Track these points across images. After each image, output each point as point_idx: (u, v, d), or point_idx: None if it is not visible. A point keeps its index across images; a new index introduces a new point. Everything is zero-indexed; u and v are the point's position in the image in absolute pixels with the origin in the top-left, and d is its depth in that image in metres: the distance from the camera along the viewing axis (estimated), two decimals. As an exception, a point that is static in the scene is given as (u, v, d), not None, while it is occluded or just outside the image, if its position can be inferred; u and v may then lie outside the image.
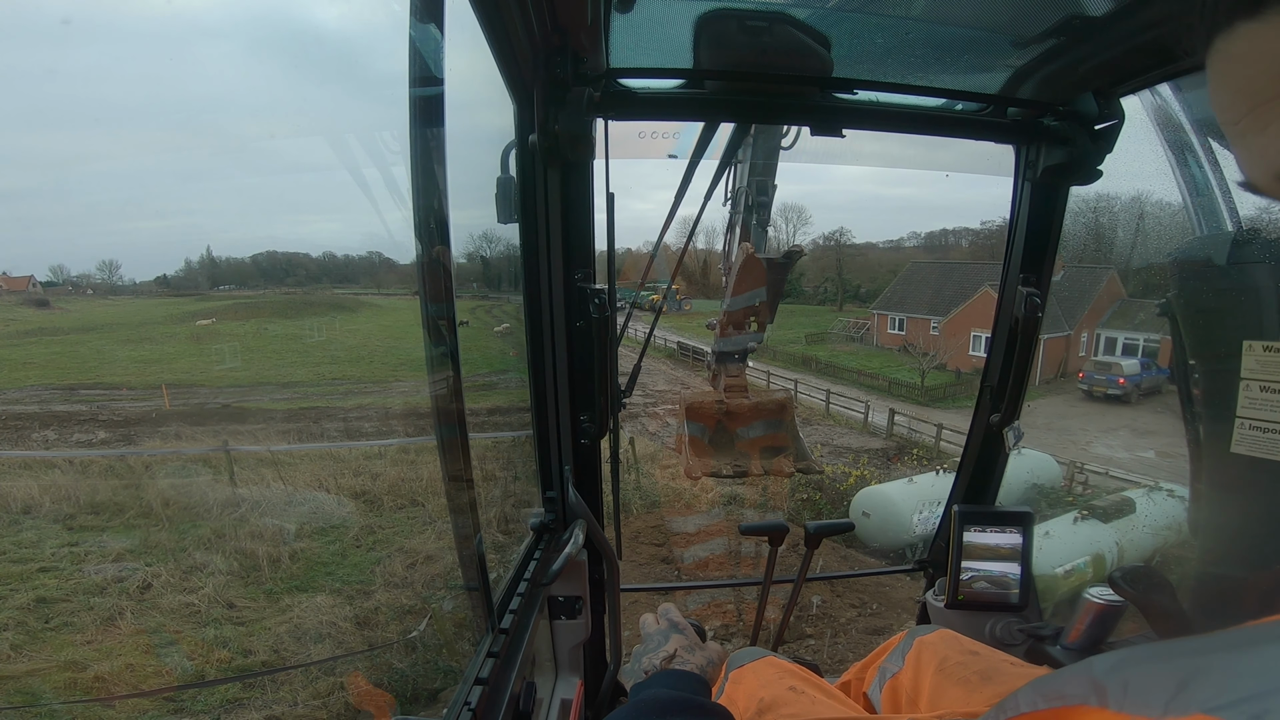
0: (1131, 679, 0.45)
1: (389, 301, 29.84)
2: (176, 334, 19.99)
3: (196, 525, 9.18)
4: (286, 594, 7.76)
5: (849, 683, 1.64)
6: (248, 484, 10.18)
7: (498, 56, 1.30)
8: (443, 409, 1.06)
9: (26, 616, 6.79)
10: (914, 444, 16.64)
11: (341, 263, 36.30)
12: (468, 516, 1.14)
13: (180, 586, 7.79)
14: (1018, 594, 1.95)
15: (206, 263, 30.45)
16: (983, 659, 1.40)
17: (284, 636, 6.85)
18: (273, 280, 31.80)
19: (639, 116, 1.65)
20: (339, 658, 6.54)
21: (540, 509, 1.79)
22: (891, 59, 1.55)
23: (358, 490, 10.39)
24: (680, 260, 2.29)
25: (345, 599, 7.55)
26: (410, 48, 0.86)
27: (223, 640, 6.74)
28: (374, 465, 11.53)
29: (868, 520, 10.72)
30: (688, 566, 10.55)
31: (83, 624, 6.75)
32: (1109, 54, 1.43)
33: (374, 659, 6.64)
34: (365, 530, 9.24)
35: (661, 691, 0.93)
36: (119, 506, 9.49)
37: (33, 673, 6.03)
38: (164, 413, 14.01)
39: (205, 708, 5.89)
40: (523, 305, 1.64)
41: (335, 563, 8.34)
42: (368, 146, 1.75)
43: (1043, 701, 0.51)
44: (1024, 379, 1.97)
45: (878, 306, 28.49)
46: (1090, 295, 23.24)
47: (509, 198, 1.51)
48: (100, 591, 7.37)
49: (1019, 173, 1.84)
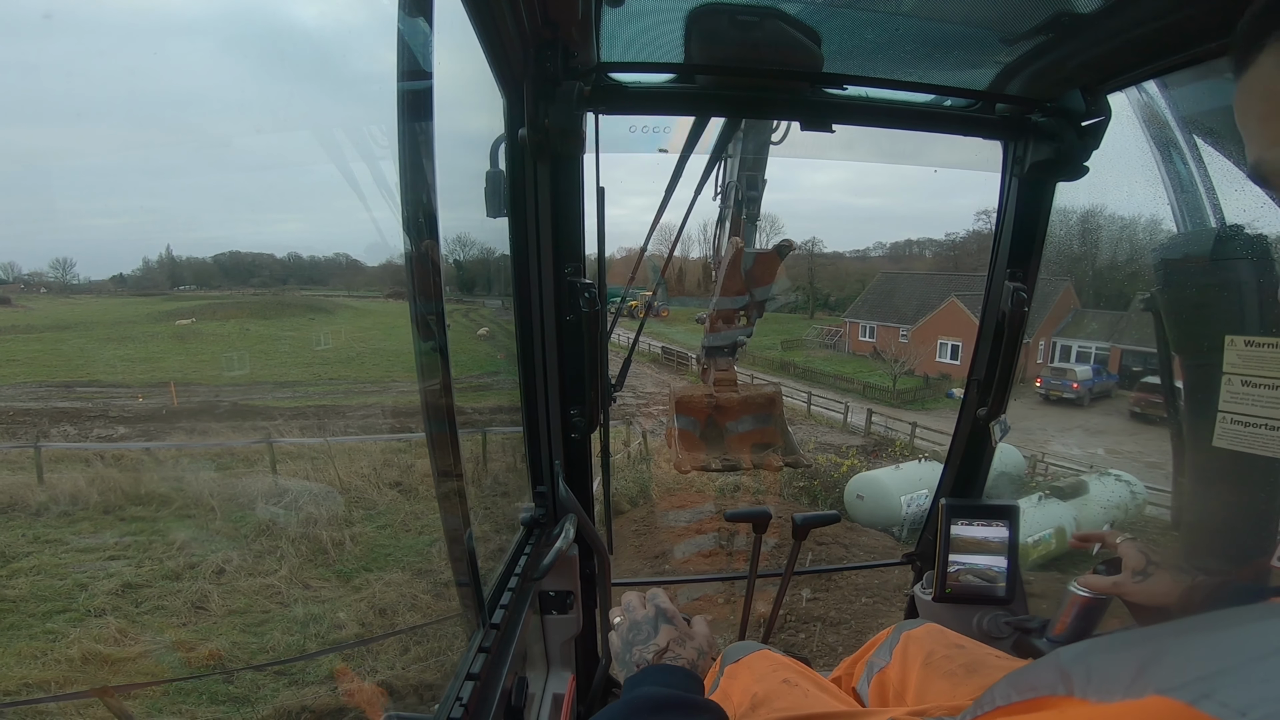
0: (1094, 666, 0.48)
1: (363, 304, 30.20)
2: (159, 333, 20.26)
3: (245, 515, 9.82)
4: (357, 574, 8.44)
5: (839, 678, 1.67)
6: (292, 475, 10.92)
7: (487, 50, 1.31)
8: (432, 404, 1.08)
9: (119, 602, 7.37)
10: (890, 441, 18.49)
11: (307, 264, 36.12)
12: (457, 512, 1.15)
13: (252, 570, 8.41)
14: (1004, 587, 1.99)
15: (166, 262, 30.13)
16: (968, 652, 1.43)
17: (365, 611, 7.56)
18: (236, 281, 31.68)
19: (629, 111, 1.66)
20: (335, 649, 6.95)
21: (530, 504, 1.80)
22: (882, 55, 1.58)
23: (394, 480, 11.19)
24: (668, 260, 2.29)
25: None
26: (399, 41, 0.86)
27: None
28: (402, 459, 12.34)
29: (862, 502, 12.30)
30: (681, 561, 10.87)
31: (174, 607, 7.36)
32: (1097, 50, 1.45)
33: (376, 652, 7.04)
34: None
35: (655, 689, 0.95)
36: (164, 498, 10.06)
37: (145, 654, 6.57)
38: (174, 410, 14.55)
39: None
40: (511, 301, 1.66)
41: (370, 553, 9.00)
42: (346, 143, 1.91)
43: (1016, 694, 0.55)
44: (1010, 373, 1.99)
45: (850, 315, 30.47)
46: (1047, 306, 25.79)
47: (499, 192, 1.53)
48: (177, 577, 7.96)
49: (1007, 169, 1.87)
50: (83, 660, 6.66)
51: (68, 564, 8.33)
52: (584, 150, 1.53)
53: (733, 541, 11.14)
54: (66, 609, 7.53)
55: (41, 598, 7.74)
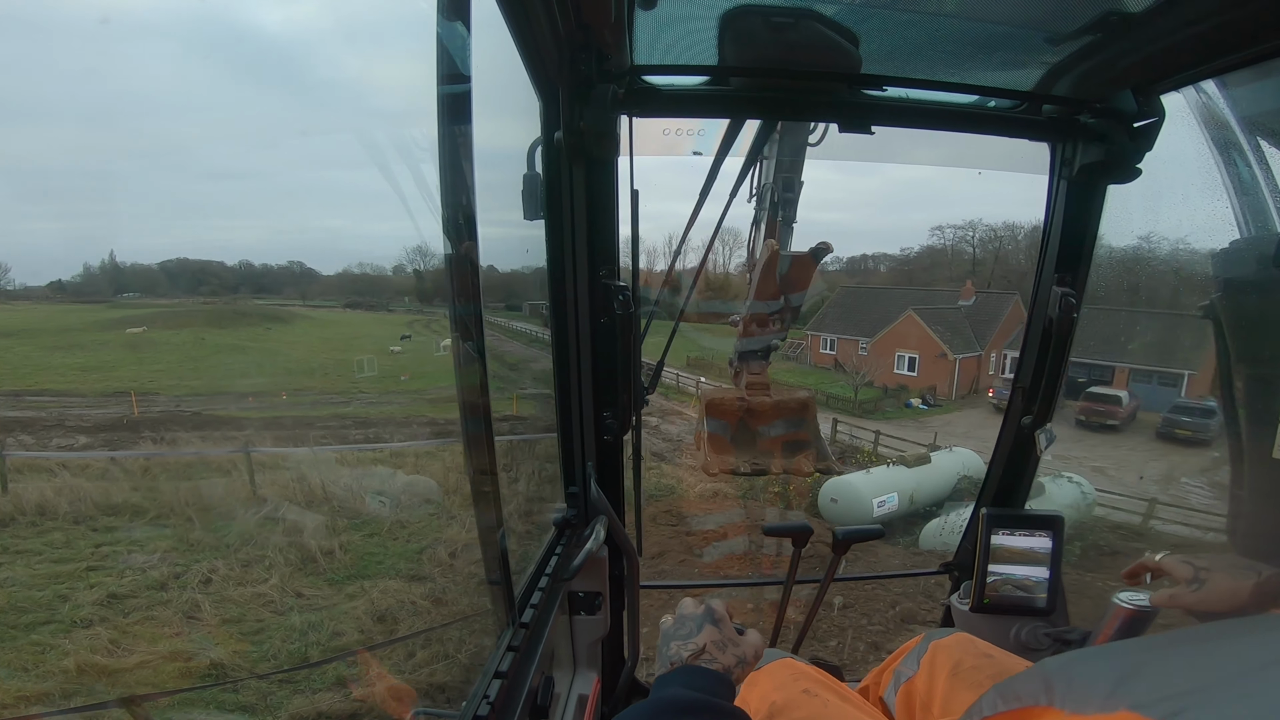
0: (1076, 676, 0.49)
1: (319, 314, 29.67)
2: (109, 342, 19.62)
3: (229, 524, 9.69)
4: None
5: (867, 687, 1.68)
6: (271, 485, 10.81)
7: (523, 54, 1.34)
8: (469, 404, 1.10)
9: (106, 612, 7.15)
10: (856, 449, 19.29)
11: (259, 272, 35.22)
12: (491, 511, 1.17)
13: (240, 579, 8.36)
14: (1045, 598, 1.98)
15: (110, 268, 29.04)
16: (996, 662, 1.43)
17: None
18: (184, 289, 30.69)
19: (663, 113, 1.69)
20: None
21: (563, 504, 1.83)
22: (922, 55, 1.58)
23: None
24: (701, 268, 2.27)
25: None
26: (438, 45, 0.89)
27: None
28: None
29: (835, 505, 12.96)
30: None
31: (164, 617, 7.18)
32: (1148, 50, 1.43)
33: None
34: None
35: (683, 691, 0.95)
36: (137, 508, 9.87)
37: (144, 664, 6.42)
38: (134, 419, 14.15)
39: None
40: (548, 302, 1.69)
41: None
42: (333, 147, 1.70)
43: (1002, 704, 0.56)
44: (1058, 381, 1.98)
45: (811, 328, 31.51)
46: (998, 318, 27.38)
47: (535, 195, 1.55)
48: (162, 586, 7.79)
49: (1054, 171, 1.86)
50: (79, 671, 6.56)
51: (43, 574, 8.12)
52: (618, 153, 1.56)
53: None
54: (50, 620, 7.36)
55: (21, 609, 7.54)
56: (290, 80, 50.49)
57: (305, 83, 51.10)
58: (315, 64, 53.82)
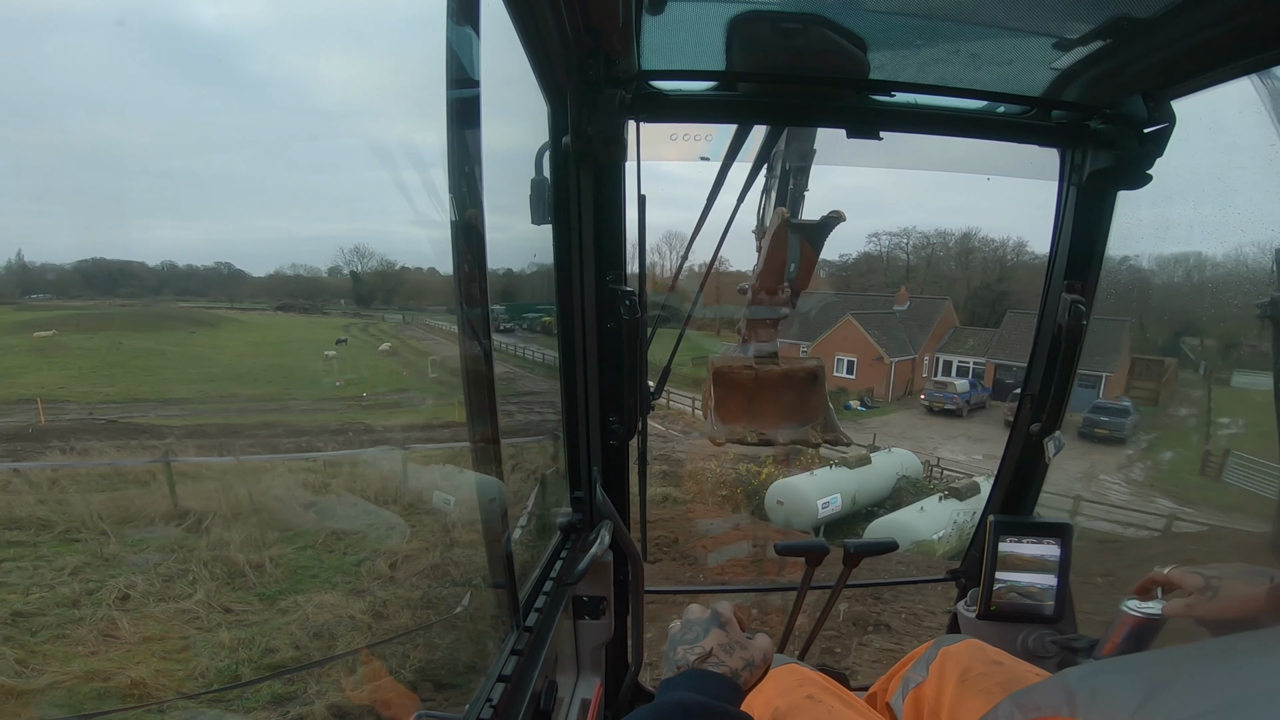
0: (1100, 687, 0.48)
1: (249, 317, 28.47)
2: (14, 346, 18.35)
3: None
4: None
5: (874, 693, 1.68)
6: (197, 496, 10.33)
7: (531, 58, 1.35)
8: (475, 406, 1.10)
9: (11, 630, 6.69)
10: (799, 451, 19.74)
11: (184, 273, 33.64)
12: (497, 515, 1.16)
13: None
14: (1053, 606, 1.99)
15: (17, 268, 27.26)
16: (1006, 669, 1.43)
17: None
18: (101, 291, 29.02)
19: (671, 118, 1.71)
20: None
21: (568, 508, 1.85)
22: (930, 61, 1.59)
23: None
24: (707, 275, 2.27)
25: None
26: (446, 50, 0.90)
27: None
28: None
29: (781, 507, 13.24)
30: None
31: (77, 635, 6.73)
32: (1159, 56, 1.43)
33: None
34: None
35: (688, 695, 0.94)
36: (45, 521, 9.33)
37: (56, 685, 6.07)
38: (41, 428, 13.23)
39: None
40: (555, 306, 1.70)
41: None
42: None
43: (1020, 713, 0.55)
44: (1066, 388, 1.98)
45: (754, 333, 32.15)
46: (931, 323, 28.55)
47: (543, 199, 1.57)
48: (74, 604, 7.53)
49: (1064, 177, 1.86)
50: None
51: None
52: (625, 158, 1.58)
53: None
54: (-59, 640, 6.79)
55: (-94, 629, 6.94)
56: (231, 76, 48.41)
57: (248, 79, 48.87)
58: (299, 64, 51.47)
